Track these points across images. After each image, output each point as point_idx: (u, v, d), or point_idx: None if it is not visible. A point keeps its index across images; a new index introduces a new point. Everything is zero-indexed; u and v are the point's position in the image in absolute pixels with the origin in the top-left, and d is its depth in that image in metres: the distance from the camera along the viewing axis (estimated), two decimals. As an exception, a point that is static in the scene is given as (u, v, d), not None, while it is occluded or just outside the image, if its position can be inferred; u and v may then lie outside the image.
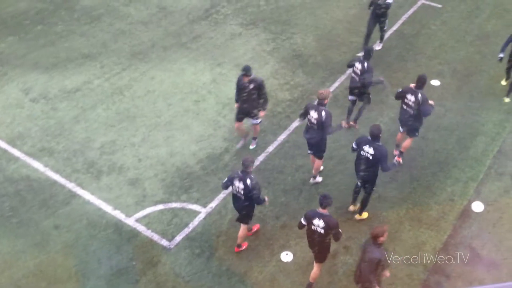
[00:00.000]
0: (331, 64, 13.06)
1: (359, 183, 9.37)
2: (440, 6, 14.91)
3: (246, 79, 9.92)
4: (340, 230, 7.93)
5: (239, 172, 8.41)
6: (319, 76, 12.69)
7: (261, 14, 14.79)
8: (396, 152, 10.46)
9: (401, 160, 10.39)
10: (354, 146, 9.11)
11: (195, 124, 11.44)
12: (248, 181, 8.28)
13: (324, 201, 7.78)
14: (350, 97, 11.08)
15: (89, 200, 9.84)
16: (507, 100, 11.64)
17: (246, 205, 8.54)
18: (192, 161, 10.59)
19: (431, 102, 9.95)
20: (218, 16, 14.71)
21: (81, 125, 11.35)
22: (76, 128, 11.26)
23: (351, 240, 9.18)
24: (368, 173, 9.00)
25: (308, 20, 14.56)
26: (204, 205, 9.76)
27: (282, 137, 11.12)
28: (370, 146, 8.79)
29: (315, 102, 9.50)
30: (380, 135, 8.80)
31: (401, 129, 10.32)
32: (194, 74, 12.75)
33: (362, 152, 8.90)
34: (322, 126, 9.37)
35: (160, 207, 9.76)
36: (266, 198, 8.80)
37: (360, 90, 10.77)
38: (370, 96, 10.97)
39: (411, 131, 10.13)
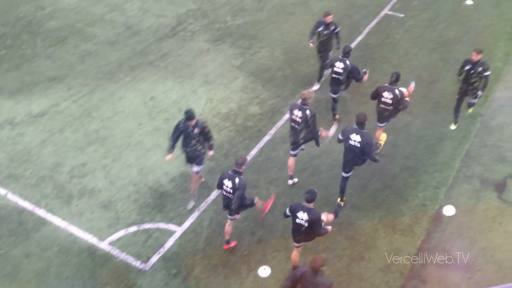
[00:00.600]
0: (299, 76, 13.18)
1: (344, 175, 9.64)
2: (402, 15, 15.27)
3: (190, 124, 9.24)
4: (325, 226, 8.17)
5: (230, 171, 8.62)
6: (288, 88, 12.79)
7: (228, 29, 14.87)
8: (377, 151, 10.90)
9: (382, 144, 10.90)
10: (340, 137, 9.45)
11: (166, 142, 11.30)
12: (237, 180, 8.47)
13: (308, 196, 8.01)
14: (333, 95, 11.52)
15: (60, 225, 9.62)
16: (470, 111, 11.74)
17: (234, 203, 8.64)
18: (165, 180, 10.49)
19: (406, 98, 10.46)
20: (185, 33, 14.73)
21: (49, 149, 11.13)
22: (44, 153, 11.04)
23: (328, 251, 9.19)
24: (357, 162, 9.41)
25: (275, 34, 14.70)
26: (179, 224, 9.65)
27: (254, 152, 11.12)
28: (357, 134, 9.14)
29: (299, 102, 9.79)
30: (366, 122, 9.19)
31: (379, 125, 10.67)
32: (164, 93, 12.69)
33: (350, 142, 9.23)
34: (307, 125, 9.63)
35: (134, 228, 9.61)
36: (256, 200, 8.94)
37: (339, 90, 11.31)
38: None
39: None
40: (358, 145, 9.13)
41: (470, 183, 10.39)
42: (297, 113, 9.64)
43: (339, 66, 10.97)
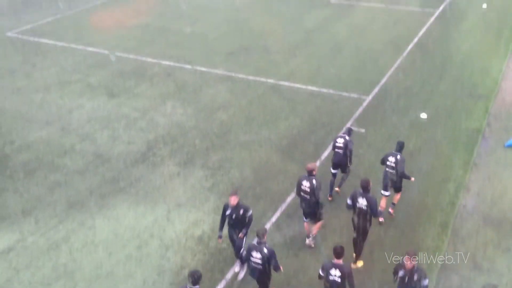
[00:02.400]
0: (270, 194, 13.33)
1: (355, 235, 10.64)
2: (363, 130, 16.04)
3: None
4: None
5: (255, 244, 9.25)
6: (260, 207, 12.84)
7: (197, 152, 15.22)
8: (391, 210, 12.37)
9: (393, 212, 12.40)
10: (349, 202, 10.60)
11: (138, 271, 10.99)
12: (265, 251, 9.12)
13: (336, 252, 8.81)
14: (333, 171, 12.90)
15: None
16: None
17: (264, 274, 9.27)
18: (137, 313, 9.99)
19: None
20: (155, 158, 14.96)
21: (14, 287, 10.57)
22: (9, 292, 10.48)
23: None
24: (364, 223, 10.39)
25: (243, 154, 15.09)
26: None
27: (229, 275, 10.84)
28: (363, 198, 10.32)
29: (306, 174, 11.04)
30: (369, 187, 10.35)
31: (384, 193, 12.13)
32: (135, 219, 12.54)
33: (357, 205, 10.38)
34: (314, 193, 10.80)
35: None
36: (281, 268, 9.54)
37: (343, 163, 12.67)
38: (350, 168, 12.93)
39: (397, 188, 12.11)
40: (365, 207, 10.25)
41: (458, 274, 10.26)
42: (306, 184, 10.86)
43: (340, 141, 12.59)
